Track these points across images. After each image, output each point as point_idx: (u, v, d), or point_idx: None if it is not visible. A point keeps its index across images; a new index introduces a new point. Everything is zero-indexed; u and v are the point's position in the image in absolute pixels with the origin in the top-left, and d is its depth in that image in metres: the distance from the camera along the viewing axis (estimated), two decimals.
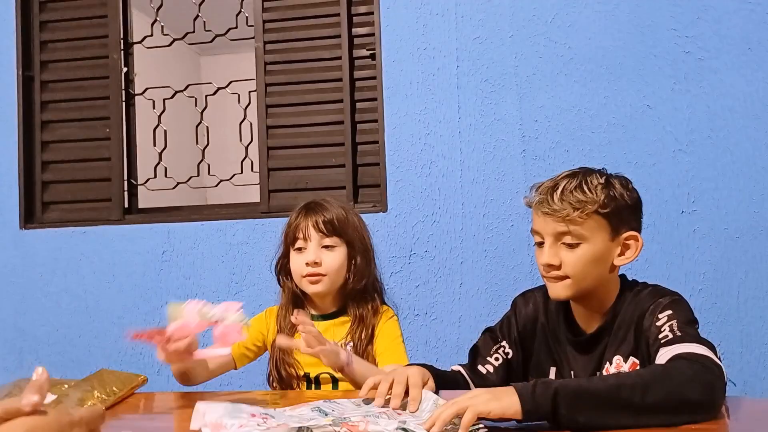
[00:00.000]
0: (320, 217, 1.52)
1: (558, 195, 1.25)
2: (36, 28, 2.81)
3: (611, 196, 1.26)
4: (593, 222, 1.25)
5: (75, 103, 2.80)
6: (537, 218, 1.30)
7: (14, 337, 2.69)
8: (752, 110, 2.23)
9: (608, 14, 2.33)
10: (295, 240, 1.54)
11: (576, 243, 1.25)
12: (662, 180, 2.28)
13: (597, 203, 1.24)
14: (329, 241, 1.52)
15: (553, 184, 1.29)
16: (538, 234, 1.30)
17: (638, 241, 1.30)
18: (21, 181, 2.74)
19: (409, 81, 2.46)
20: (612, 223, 1.27)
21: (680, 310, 1.23)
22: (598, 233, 1.26)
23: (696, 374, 1.02)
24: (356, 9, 2.58)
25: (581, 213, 1.23)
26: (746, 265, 2.22)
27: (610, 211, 1.25)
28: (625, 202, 1.28)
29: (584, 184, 1.26)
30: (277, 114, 2.63)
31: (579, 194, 1.25)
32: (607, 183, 1.28)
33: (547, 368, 1.36)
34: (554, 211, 1.25)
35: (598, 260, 1.27)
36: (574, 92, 2.35)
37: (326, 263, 1.51)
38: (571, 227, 1.24)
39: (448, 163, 2.42)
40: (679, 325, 1.17)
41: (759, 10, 2.23)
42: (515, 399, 0.98)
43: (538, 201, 1.28)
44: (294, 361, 1.53)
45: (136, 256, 2.62)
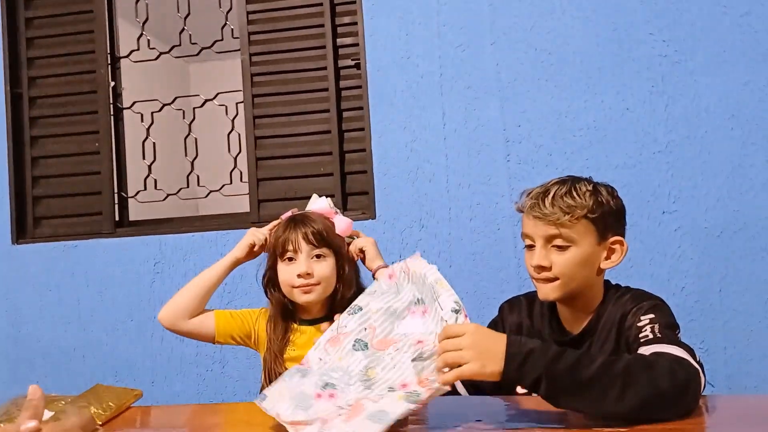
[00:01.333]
0: (309, 228, 1.56)
1: (549, 200, 1.32)
2: (23, 44, 2.84)
3: (599, 202, 1.32)
4: (582, 226, 1.31)
5: (64, 118, 2.83)
6: (528, 222, 1.36)
7: (9, 351, 2.71)
8: (728, 110, 2.28)
9: (586, 20, 2.38)
10: (285, 252, 1.57)
11: (566, 246, 1.31)
12: (643, 180, 2.32)
13: (586, 208, 1.31)
14: (319, 251, 1.56)
15: (544, 189, 1.35)
16: (529, 237, 1.36)
17: (623, 246, 1.36)
18: (12, 197, 2.76)
19: (393, 89, 2.50)
20: (599, 228, 1.33)
21: (662, 314, 1.28)
22: (586, 237, 1.32)
23: (673, 371, 1.06)
24: (340, 20, 2.62)
25: (571, 217, 1.30)
26: (727, 262, 2.27)
27: (597, 216, 1.32)
28: (611, 208, 1.35)
29: (573, 191, 1.33)
30: (264, 125, 2.66)
31: (569, 199, 1.31)
32: (595, 190, 1.35)
33: None
34: (545, 215, 1.31)
35: (585, 263, 1.33)
36: (555, 96, 2.39)
37: (318, 273, 1.54)
38: (561, 230, 1.31)
39: (434, 168, 2.46)
40: (660, 328, 1.22)
41: (732, 13, 2.28)
42: (499, 369, 1.03)
43: (530, 206, 1.34)
44: (285, 367, 1.55)
45: (129, 269, 2.65)
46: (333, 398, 1.09)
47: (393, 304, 1.20)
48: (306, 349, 1.55)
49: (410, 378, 1.10)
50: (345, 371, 1.14)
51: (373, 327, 1.18)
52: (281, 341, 1.57)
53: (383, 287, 1.24)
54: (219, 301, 2.54)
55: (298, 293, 1.55)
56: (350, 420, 1.03)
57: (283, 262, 1.57)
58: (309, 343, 1.56)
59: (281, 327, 1.60)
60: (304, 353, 1.54)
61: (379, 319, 1.19)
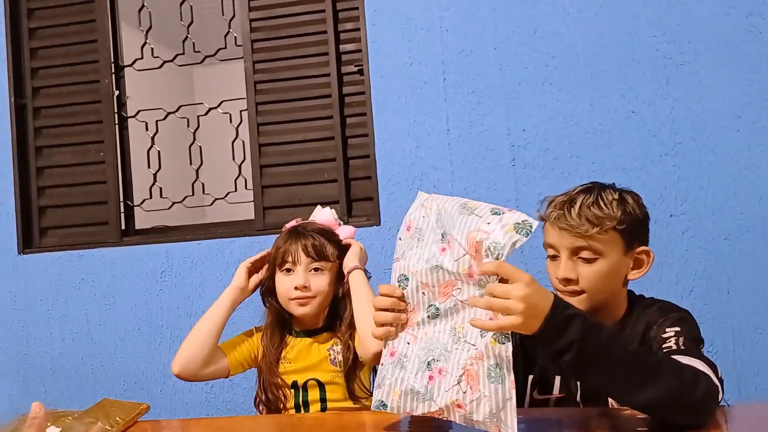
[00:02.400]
0: (309, 241, 1.56)
1: (576, 211, 1.28)
2: (27, 55, 2.84)
3: (627, 212, 1.29)
4: (609, 237, 1.27)
5: (68, 128, 2.83)
6: (552, 232, 1.31)
7: (18, 364, 2.72)
8: (734, 111, 2.27)
9: (589, 23, 2.37)
10: (284, 263, 1.57)
11: (593, 258, 1.28)
12: (649, 183, 2.31)
13: (615, 219, 1.27)
14: (317, 264, 1.56)
15: (569, 199, 1.31)
16: (553, 248, 1.32)
17: (650, 256, 1.33)
18: (18, 208, 2.77)
19: (397, 95, 2.49)
20: (626, 238, 1.30)
21: (689, 327, 1.26)
22: (614, 248, 1.29)
23: (696, 383, 1.05)
24: (343, 26, 2.62)
25: (600, 229, 1.26)
26: (735, 264, 2.26)
27: (625, 227, 1.28)
28: (638, 218, 1.32)
29: (600, 200, 1.29)
30: (268, 132, 2.66)
31: (596, 210, 1.27)
32: (621, 199, 1.31)
33: (552, 377, 1.38)
34: (572, 226, 1.27)
35: (613, 275, 1.30)
36: (560, 100, 2.38)
37: (314, 286, 1.55)
38: (589, 242, 1.27)
39: (438, 174, 2.46)
40: (684, 340, 1.20)
41: (735, 14, 2.26)
42: (537, 327, 1.01)
43: (555, 216, 1.30)
44: (280, 375, 1.57)
45: (136, 278, 2.66)
46: (443, 373, 1.07)
47: (423, 253, 1.15)
48: (299, 361, 1.56)
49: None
50: (438, 342, 1.11)
51: (426, 284, 1.13)
52: (276, 350, 1.59)
53: (407, 243, 1.20)
54: None
55: (294, 305, 1.56)
56: (474, 392, 1.02)
57: (282, 272, 1.58)
58: (302, 354, 1.57)
59: (277, 336, 1.62)
60: (298, 365, 1.56)
61: (425, 274, 1.13)
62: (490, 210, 1.09)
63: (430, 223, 1.17)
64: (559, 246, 1.31)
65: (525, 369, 1.40)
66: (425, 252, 1.15)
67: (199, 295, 2.60)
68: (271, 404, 1.56)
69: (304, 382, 1.56)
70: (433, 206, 1.18)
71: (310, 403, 1.55)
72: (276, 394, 1.55)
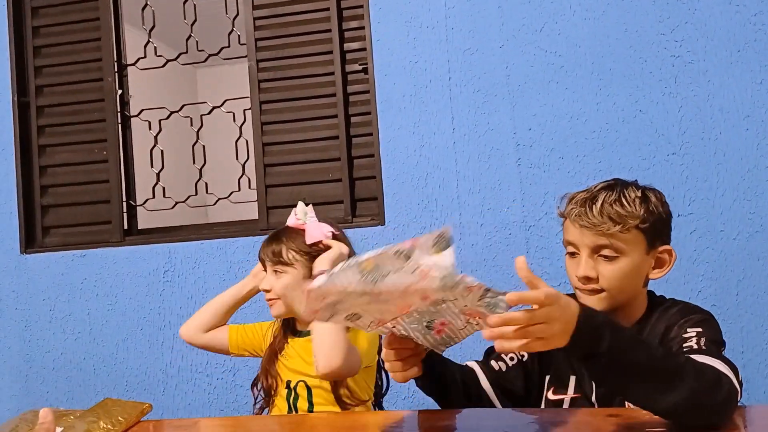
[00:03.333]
0: (270, 246, 1.59)
1: (597, 208, 1.24)
2: (30, 53, 2.84)
3: (650, 211, 1.25)
4: (632, 236, 1.24)
5: (71, 126, 2.82)
6: (573, 230, 1.28)
7: (20, 363, 2.70)
8: (742, 110, 2.25)
9: (596, 21, 2.35)
10: (264, 266, 1.63)
11: (614, 256, 1.24)
12: (657, 183, 2.24)
13: (638, 218, 1.23)
14: (277, 267, 1.58)
15: (591, 196, 1.27)
16: (573, 245, 1.29)
17: (672, 255, 1.30)
18: (20, 206, 2.76)
19: (402, 94, 2.48)
20: (649, 237, 1.26)
21: (710, 327, 1.22)
22: (636, 247, 1.25)
23: (716, 386, 1.02)
24: (347, 24, 2.60)
25: (622, 227, 1.22)
26: (744, 264, 2.24)
27: (648, 225, 1.25)
28: (661, 216, 1.28)
29: (623, 197, 1.25)
30: (272, 131, 2.65)
31: (618, 207, 1.23)
32: (644, 196, 1.27)
33: (567, 378, 1.36)
34: (594, 224, 1.23)
35: (634, 274, 1.26)
36: (566, 99, 2.36)
37: (276, 288, 1.57)
38: (611, 241, 1.23)
39: (443, 174, 2.44)
40: (705, 341, 1.17)
41: (744, 12, 2.25)
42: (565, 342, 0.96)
43: (577, 213, 1.26)
44: (277, 373, 1.60)
45: (138, 278, 2.64)
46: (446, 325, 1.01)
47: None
48: (293, 361, 1.57)
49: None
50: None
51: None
52: (281, 341, 1.62)
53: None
54: None
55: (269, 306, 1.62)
56: None
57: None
58: (297, 354, 1.58)
59: (283, 329, 1.66)
60: (291, 365, 1.56)
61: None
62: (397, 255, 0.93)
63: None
64: (580, 244, 1.27)
65: (541, 369, 1.37)
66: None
67: (201, 295, 2.58)
68: (265, 391, 1.61)
69: (296, 383, 1.57)
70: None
71: (299, 404, 1.56)
72: (270, 383, 1.59)
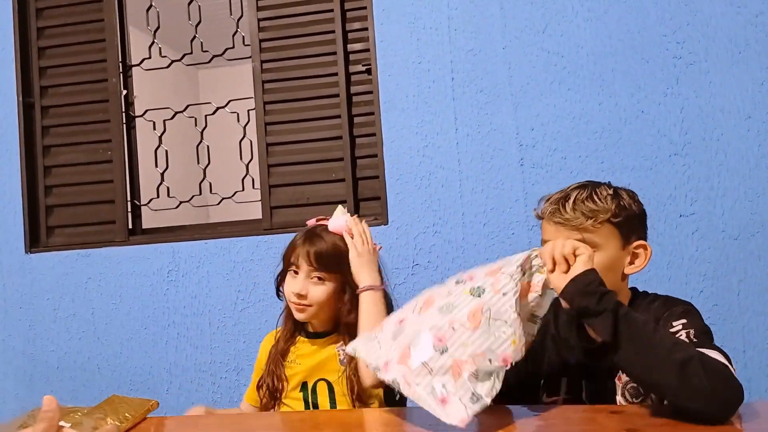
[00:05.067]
0: (313, 248, 1.53)
1: (570, 205, 1.30)
2: (35, 54, 2.85)
3: (621, 206, 1.30)
4: (605, 231, 1.29)
5: (76, 127, 2.83)
6: (549, 228, 1.33)
7: (24, 362, 2.71)
8: (744, 110, 2.26)
9: (598, 22, 2.36)
10: (290, 264, 1.57)
11: None
12: (659, 183, 2.30)
13: (609, 212, 1.29)
14: (318, 274, 1.53)
15: (564, 195, 1.33)
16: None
17: (647, 250, 1.33)
18: (25, 206, 2.77)
19: (405, 94, 2.49)
20: (623, 232, 1.31)
21: (694, 318, 1.26)
22: (610, 242, 1.29)
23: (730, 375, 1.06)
24: (351, 25, 2.61)
25: (594, 221, 1.28)
26: (745, 264, 2.25)
27: (621, 220, 1.29)
28: (634, 212, 1.33)
29: (595, 195, 1.31)
30: (276, 131, 2.66)
31: (591, 204, 1.29)
32: (616, 194, 1.33)
33: (559, 379, 1.37)
34: (567, 220, 1.29)
35: (610, 268, 1.29)
36: (569, 99, 2.37)
37: (312, 296, 1.52)
38: (584, 235, 1.28)
39: (446, 174, 2.45)
40: (695, 332, 1.20)
41: (745, 12, 2.26)
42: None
43: (551, 211, 1.32)
44: (284, 375, 1.56)
45: (142, 277, 2.65)
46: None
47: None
48: (308, 361, 1.55)
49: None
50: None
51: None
52: (286, 343, 1.58)
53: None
54: (233, 309, 2.55)
55: (293, 308, 1.56)
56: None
57: (290, 273, 1.57)
58: (311, 354, 1.56)
59: (290, 328, 1.61)
60: (306, 365, 1.55)
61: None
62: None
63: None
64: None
65: (536, 373, 1.40)
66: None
67: (205, 295, 2.60)
68: (269, 392, 1.56)
69: (314, 383, 1.55)
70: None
71: (320, 404, 1.53)
72: (275, 384, 1.55)
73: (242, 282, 2.58)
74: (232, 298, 2.58)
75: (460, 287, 1.18)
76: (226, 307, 2.58)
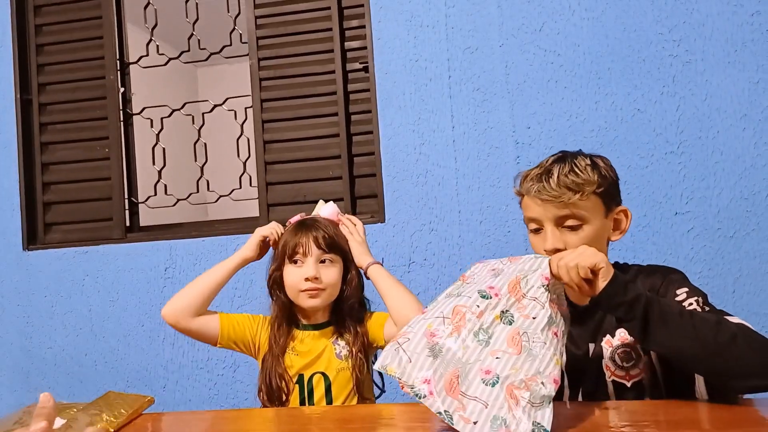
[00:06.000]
0: (319, 233, 1.56)
1: (555, 180, 1.28)
2: (33, 51, 2.85)
3: (602, 176, 1.31)
4: (591, 202, 1.29)
5: (74, 124, 2.84)
6: (533, 206, 1.32)
7: (21, 359, 2.72)
8: (740, 110, 2.26)
9: (595, 21, 2.37)
10: (294, 254, 1.56)
11: (578, 225, 1.29)
12: (655, 182, 2.31)
13: (594, 183, 1.28)
14: (328, 256, 1.56)
15: (545, 170, 1.31)
16: (535, 221, 1.32)
17: (628, 214, 1.36)
18: (23, 203, 2.77)
19: (402, 92, 2.50)
20: (606, 201, 1.32)
21: (691, 285, 1.29)
22: (596, 212, 1.30)
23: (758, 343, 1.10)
24: (348, 23, 2.62)
25: (581, 195, 1.27)
26: (740, 263, 2.25)
27: (604, 189, 1.30)
28: (612, 179, 1.34)
29: (575, 167, 1.30)
30: (273, 129, 2.66)
31: (573, 177, 1.28)
32: (593, 163, 1.33)
33: None
34: (554, 197, 1.28)
35: (598, 239, 1.31)
36: (565, 98, 2.38)
37: (325, 278, 1.55)
38: (573, 210, 1.28)
39: (443, 171, 2.46)
40: (703, 301, 1.23)
41: (742, 12, 2.26)
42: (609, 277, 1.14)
43: (536, 189, 1.30)
44: (284, 368, 1.55)
45: (139, 274, 2.66)
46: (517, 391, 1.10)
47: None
48: (308, 354, 1.56)
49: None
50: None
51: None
52: (283, 343, 1.58)
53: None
54: (229, 305, 2.55)
55: (304, 297, 1.55)
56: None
57: (291, 264, 1.57)
58: (311, 346, 1.57)
59: (284, 329, 1.61)
60: (306, 358, 1.55)
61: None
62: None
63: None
64: (543, 218, 1.31)
65: None
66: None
67: None
68: (274, 395, 1.55)
69: (310, 377, 1.56)
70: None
71: (316, 397, 1.54)
72: (279, 384, 1.54)
73: (239, 279, 2.58)
74: (229, 295, 2.58)
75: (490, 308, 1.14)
76: (223, 304, 2.56)
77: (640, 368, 1.27)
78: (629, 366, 1.27)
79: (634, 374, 1.27)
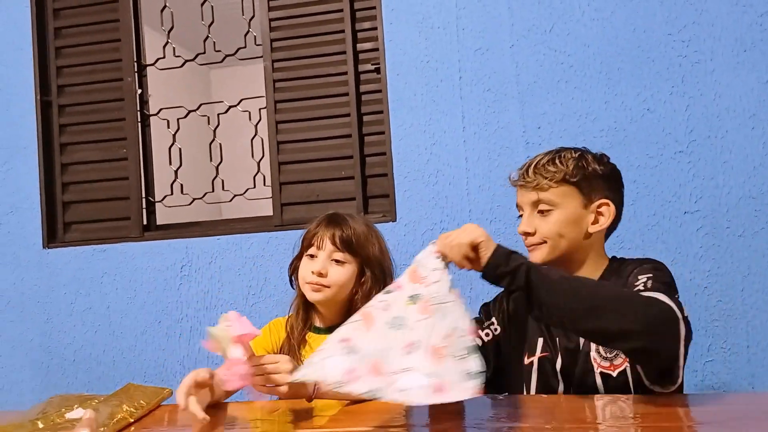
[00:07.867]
0: (339, 231, 1.57)
1: (533, 168, 1.41)
2: (52, 54, 2.91)
3: (580, 167, 1.39)
4: (562, 190, 1.38)
5: (92, 125, 2.89)
6: (517, 193, 1.46)
7: (41, 355, 2.78)
8: (749, 109, 2.28)
9: (605, 21, 2.39)
10: (310, 246, 1.59)
11: (548, 209, 1.39)
12: (664, 181, 2.33)
13: (564, 172, 1.38)
14: (340, 256, 1.57)
15: (531, 160, 1.45)
16: (519, 207, 1.45)
17: (610, 208, 1.41)
18: (43, 203, 2.84)
19: (413, 93, 2.53)
20: (583, 191, 1.39)
21: (662, 274, 1.33)
22: (570, 200, 1.38)
23: (651, 303, 1.13)
24: (360, 25, 2.65)
25: (550, 181, 1.38)
26: (749, 261, 2.26)
27: (578, 179, 1.38)
28: (597, 172, 1.40)
29: (557, 158, 1.41)
30: (287, 130, 2.70)
31: (550, 166, 1.40)
32: (580, 157, 1.41)
33: (535, 340, 1.44)
34: (527, 182, 1.41)
35: (570, 224, 1.38)
36: (575, 98, 2.40)
37: (332, 276, 1.56)
38: (541, 195, 1.39)
39: (454, 171, 2.49)
40: (653, 282, 1.27)
41: (751, 12, 2.27)
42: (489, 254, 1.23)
43: (519, 176, 1.45)
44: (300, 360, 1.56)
45: (156, 272, 2.71)
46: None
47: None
48: None
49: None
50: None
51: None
52: (301, 332, 1.60)
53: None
54: (244, 303, 2.60)
55: (308, 289, 1.57)
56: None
57: (306, 256, 1.60)
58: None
59: (302, 316, 1.63)
60: None
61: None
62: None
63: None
64: (522, 203, 1.44)
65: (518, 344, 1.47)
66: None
67: (217, 290, 2.65)
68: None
69: None
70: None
71: None
72: None
73: (253, 277, 2.63)
74: (243, 293, 2.63)
75: (398, 299, 1.21)
76: (238, 302, 2.62)
77: (623, 358, 1.33)
78: (612, 356, 1.32)
79: (618, 364, 1.32)
